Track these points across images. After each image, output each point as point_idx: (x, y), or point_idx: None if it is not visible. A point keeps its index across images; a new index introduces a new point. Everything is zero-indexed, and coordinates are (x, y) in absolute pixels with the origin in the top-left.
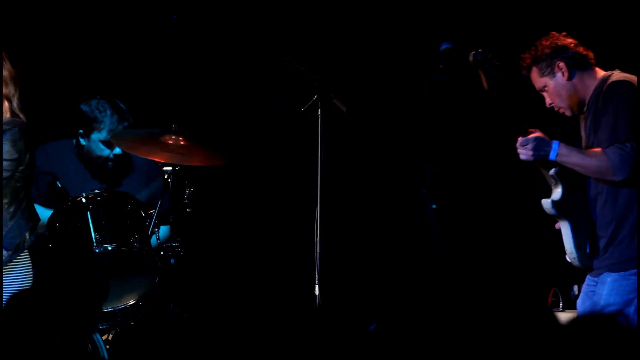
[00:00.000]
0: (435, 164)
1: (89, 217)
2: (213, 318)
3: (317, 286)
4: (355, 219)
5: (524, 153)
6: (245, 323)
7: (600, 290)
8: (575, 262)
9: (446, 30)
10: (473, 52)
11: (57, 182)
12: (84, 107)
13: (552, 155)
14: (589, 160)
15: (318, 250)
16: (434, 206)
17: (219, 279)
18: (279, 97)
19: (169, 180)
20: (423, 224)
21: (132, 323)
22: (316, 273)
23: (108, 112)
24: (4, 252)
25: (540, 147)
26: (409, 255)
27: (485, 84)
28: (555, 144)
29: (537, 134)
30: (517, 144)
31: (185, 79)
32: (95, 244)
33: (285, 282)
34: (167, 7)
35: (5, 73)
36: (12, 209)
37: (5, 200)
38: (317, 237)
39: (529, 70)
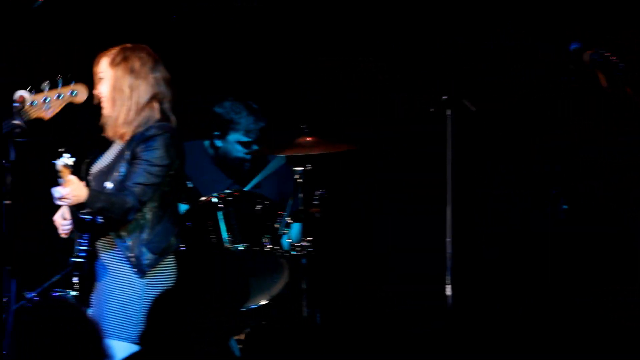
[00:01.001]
0: (565, 163)
1: (221, 218)
2: (345, 318)
3: (448, 286)
4: (485, 218)
5: None
6: (376, 323)
7: None
8: None
9: (572, 30)
10: (589, 52)
11: (188, 183)
12: (218, 110)
13: None
14: None
15: (449, 251)
16: (565, 207)
17: (350, 279)
18: (407, 99)
19: (300, 180)
20: (554, 224)
21: (263, 323)
22: (447, 273)
23: (244, 113)
24: (151, 255)
25: None
26: (540, 255)
27: (603, 82)
28: None
29: None
30: None
31: (313, 78)
32: (227, 244)
33: (415, 282)
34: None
35: (158, 75)
36: (160, 213)
37: (153, 204)
38: (448, 238)
39: None
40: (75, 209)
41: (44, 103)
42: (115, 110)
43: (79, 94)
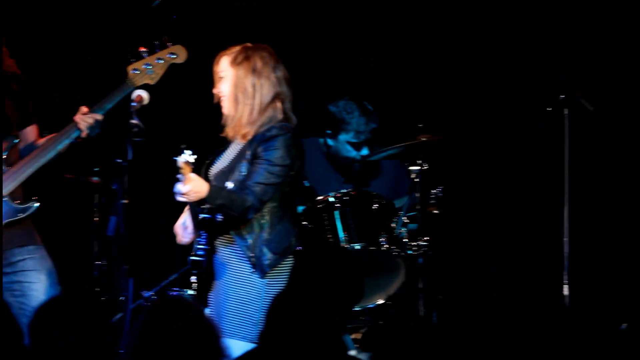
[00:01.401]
0: None
1: (338, 217)
2: (461, 319)
3: (566, 286)
4: (601, 218)
5: None
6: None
7: None
8: None
9: None
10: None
11: (305, 181)
12: (332, 108)
13: None
14: None
15: (566, 250)
16: None
17: (467, 279)
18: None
19: (416, 180)
20: None
21: (380, 322)
22: (564, 273)
23: (355, 113)
24: (272, 255)
25: None
26: None
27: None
28: None
29: None
30: None
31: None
32: (343, 244)
33: (532, 282)
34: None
35: (279, 74)
36: (280, 213)
37: (274, 204)
38: (565, 237)
39: None
40: (194, 204)
41: (146, 69)
42: (238, 110)
43: (179, 55)
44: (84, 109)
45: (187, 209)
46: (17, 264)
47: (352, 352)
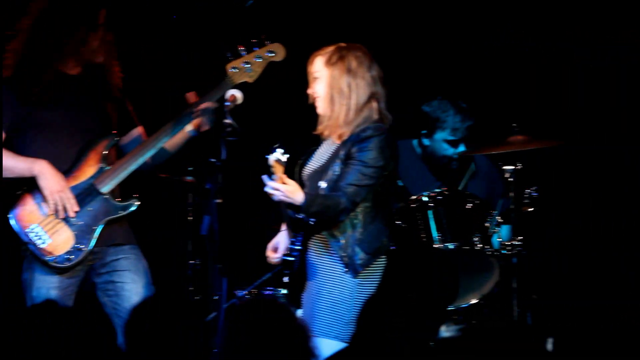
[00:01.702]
0: None
1: (431, 217)
2: (556, 320)
3: None
4: None
5: None
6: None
7: None
8: None
9: None
10: None
11: (398, 182)
12: (426, 108)
13: None
14: None
15: None
16: None
17: (561, 280)
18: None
19: (511, 179)
20: None
21: (474, 322)
22: None
23: (451, 111)
24: (364, 255)
25: None
26: None
27: None
28: None
29: None
30: None
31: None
32: (437, 243)
33: (629, 281)
34: None
35: (374, 73)
36: (373, 214)
37: (366, 205)
38: None
39: None
40: (287, 207)
41: (245, 67)
42: (334, 111)
43: (277, 53)
44: (192, 96)
45: (281, 231)
46: (111, 263)
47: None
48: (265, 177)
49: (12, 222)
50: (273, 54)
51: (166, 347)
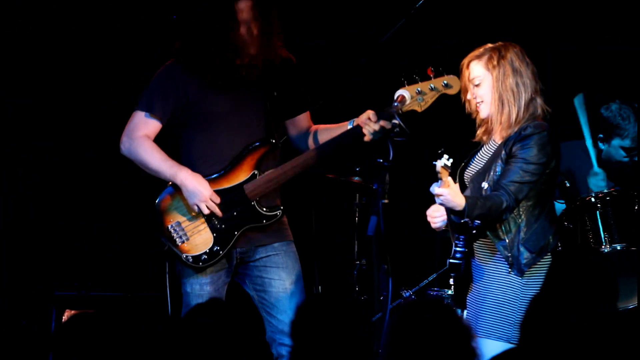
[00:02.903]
0: None
1: (598, 217)
2: None
3: None
4: None
5: None
6: None
7: None
8: None
9: None
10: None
11: (566, 182)
12: (604, 112)
13: None
14: None
15: None
16: None
17: None
18: None
19: None
20: None
21: None
22: None
23: (631, 118)
24: (529, 255)
25: None
26: None
27: None
28: None
29: None
30: None
31: None
32: (604, 244)
33: None
34: None
35: (532, 68)
36: (536, 212)
37: (529, 203)
38: None
39: None
40: (450, 212)
41: (417, 95)
42: (504, 113)
43: (453, 85)
44: (371, 113)
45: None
46: (261, 259)
47: None
48: (434, 185)
49: (156, 214)
50: (449, 87)
51: (332, 347)
